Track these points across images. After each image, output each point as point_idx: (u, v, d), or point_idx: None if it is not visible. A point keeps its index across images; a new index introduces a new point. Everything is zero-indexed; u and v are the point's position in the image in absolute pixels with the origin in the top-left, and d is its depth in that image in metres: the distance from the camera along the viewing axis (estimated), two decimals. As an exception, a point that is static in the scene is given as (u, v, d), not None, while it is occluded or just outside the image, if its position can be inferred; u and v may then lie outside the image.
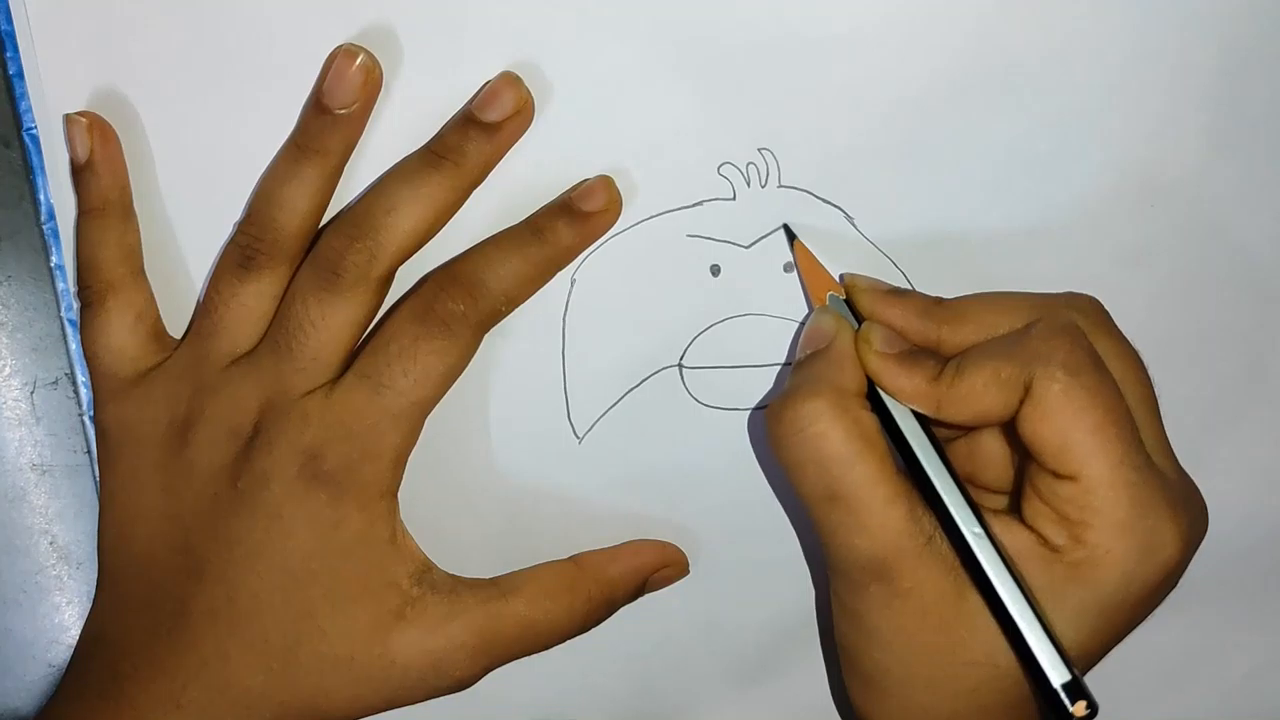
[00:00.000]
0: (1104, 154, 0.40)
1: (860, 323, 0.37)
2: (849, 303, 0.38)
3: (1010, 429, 0.35)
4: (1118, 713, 0.43)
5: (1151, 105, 0.40)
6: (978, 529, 0.34)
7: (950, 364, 0.35)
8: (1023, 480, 0.35)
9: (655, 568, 0.40)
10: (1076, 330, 0.35)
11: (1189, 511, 0.35)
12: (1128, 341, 0.37)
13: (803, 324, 0.40)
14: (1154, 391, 0.37)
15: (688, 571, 0.41)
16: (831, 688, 0.42)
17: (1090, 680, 0.36)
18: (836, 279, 0.39)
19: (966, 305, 0.37)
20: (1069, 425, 0.34)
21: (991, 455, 0.37)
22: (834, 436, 0.35)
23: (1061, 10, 0.39)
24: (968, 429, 0.37)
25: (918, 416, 0.36)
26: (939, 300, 0.37)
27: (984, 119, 0.39)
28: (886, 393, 0.36)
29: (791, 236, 0.39)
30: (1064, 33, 0.39)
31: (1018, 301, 0.37)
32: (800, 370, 0.37)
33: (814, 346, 0.37)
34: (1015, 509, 0.36)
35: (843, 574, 0.36)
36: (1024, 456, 0.35)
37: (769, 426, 0.36)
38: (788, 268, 0.40)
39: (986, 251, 0.40)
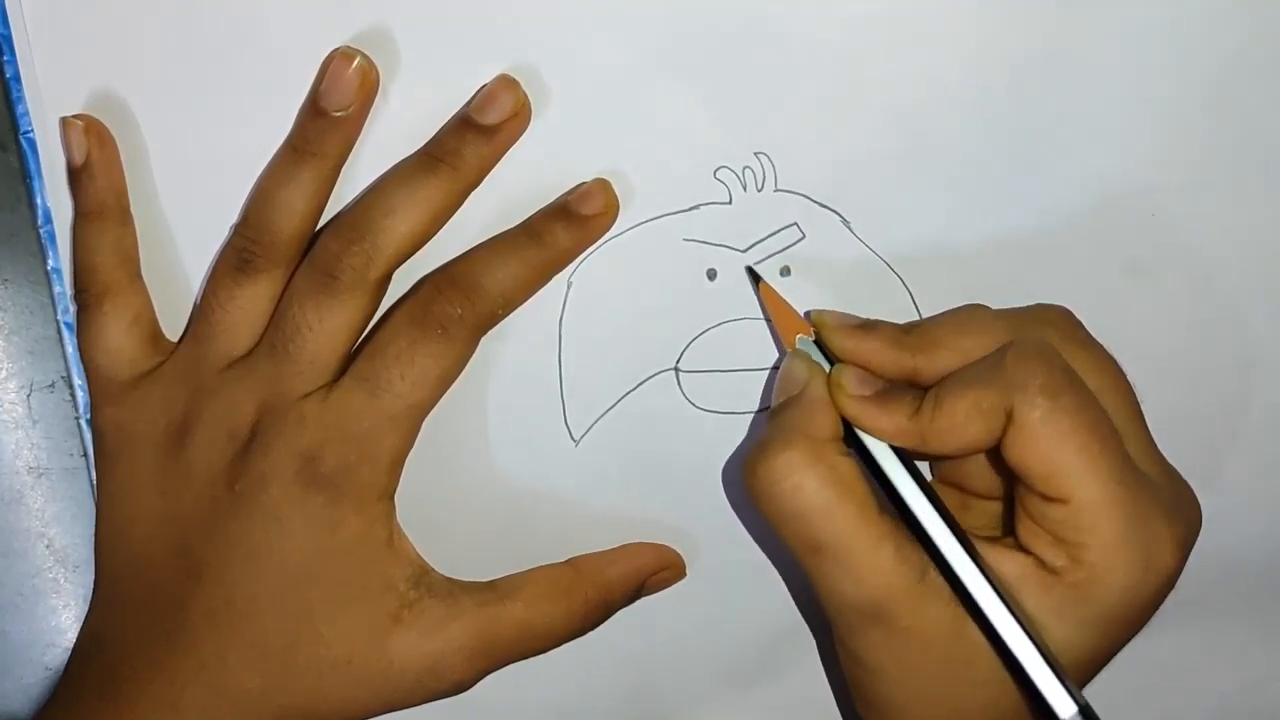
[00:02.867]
0: (1103, 159, 0.40)
1: (832, 362, 0.37)
2: (820, 342, 0.37)
3: (996, 454, 0.35)
4: (1117, 716, 0.43)
5: (1152, 111, 0.40)
6: (969, 565, 0.34)
7: (928, 397, 0.35)
8: (1014, 503, 0.35)
9: (653, 570, 0.40)
10: (1050, 351, 0.34)
11: (1182, 514, 0.35)
12: (1103, 350, 0.37)
13: (775, 368, 0.39)
14: (1135, 397, 0.36)
15: (685, 574, 0.41)
16: (837, 699, 0.42)
17: (1090, 684, 0.36)
18: (803, 316, 0.38)
19: (939, 331, 0.36)
20: (1054, 450, 0.33)
21: (980, 465, 0.37)
22: (809, 487, 0.34)
23: (1059, 17, 0.39)
24: (954, 459, 0.37)
25: (897, 451, 0.35)
26: (909, 327, 0.37)
27: (982, 124, 0.39)
28: (868, 434, 0.35)
29: (756, 279, 0.39)
30: (1062, 39, 0.39)
31: (990, 321, 0.36)
32: (773, 420, 0.36)
33: (786, 394, 0.37)
34: (1009, 530, 0.36)
35: (839, 620, 0.36)
36: (1013, 481, 0.35)
37: (745, 481, 0.35)
38: (785, 271, 0.40)
39: (984, 255, 0.40)
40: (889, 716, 0.36)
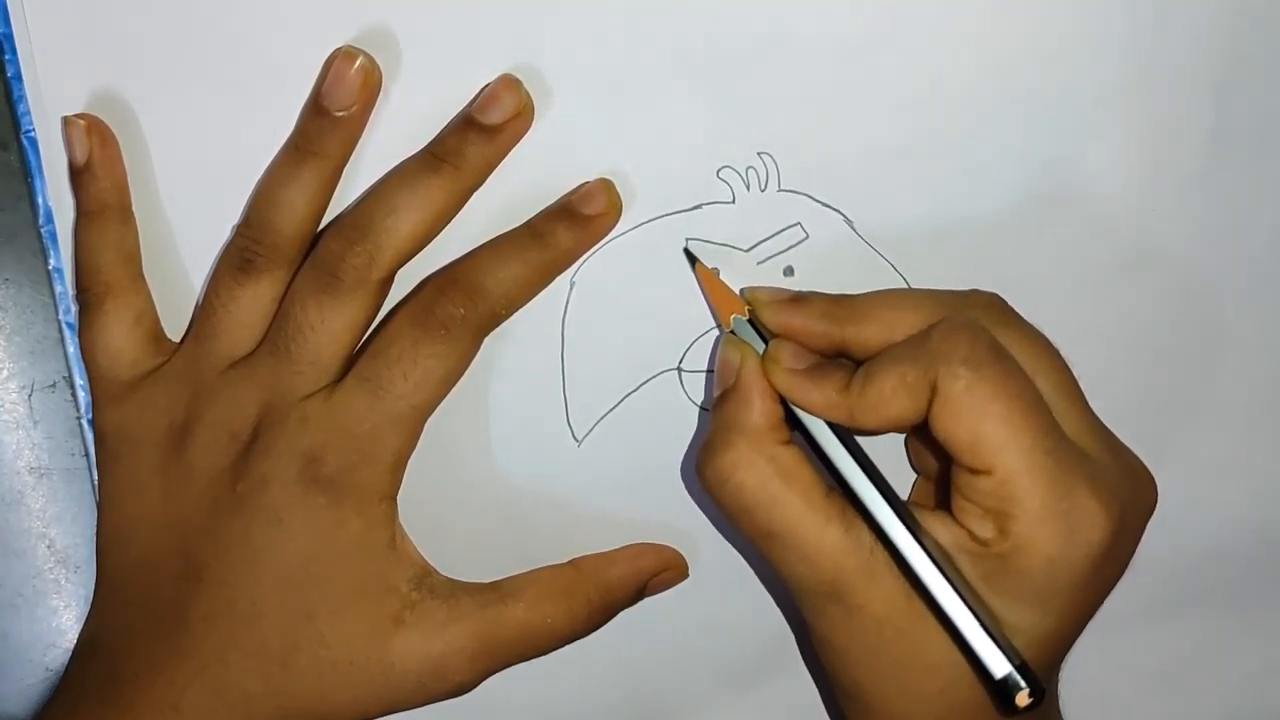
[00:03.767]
0: (1104, 156, 0.40)
1: (767, 340, 0.37)
2: (755, 320, 0.38)
3: (927, 432, 0.35)
4: (1117, 716, 0.43)
5: (1152, 107, 0.40)
6: (903, 530, 0.35)
7: (858, 373, 0.35)
8: (948, 479, 0.35)
9: (655, 571, 0.40)
10: (977, 326, 0.35)
11: (1120, 488, 0.35)
12: (1035, 330, 0.37)
13: (714, 351, 0.40)
14: (1071, 375, 0.36)
15: (687, 575, 0.41)
16: (821, 695, 0.42)
17: (1090, 684, 0.36)
18: (738, 294, 0.38)
19: (869, 304, 0.37)
20: (976, 420, 0.33)
21: (933, 446, 0.37)
22: (751, 483, 0.35)
23: (1060, 13, 0.39)
24: (886, 434, 0.37)
25: (836, 427, 0.36)
26: (841, 299, 0.37)
27: (984, 122, 0.39)
28: (799, 408, 0.36)
29: (693, 259, 0.39)
30: (1063, 35, 0.39)
31: (920, 298, 0.37)
32: (714, 415, 0.37)
33: (723, 384, 0.37)
34: (946, 506, 0.36)
35: (802, 603, 0.36)
36: (943, 456, 0.35)
37: (699, 480, 0.36)
38: (788, 271, 0.40)
39: (987, 254, 0.40)
40: (860, 703, 0.37)
